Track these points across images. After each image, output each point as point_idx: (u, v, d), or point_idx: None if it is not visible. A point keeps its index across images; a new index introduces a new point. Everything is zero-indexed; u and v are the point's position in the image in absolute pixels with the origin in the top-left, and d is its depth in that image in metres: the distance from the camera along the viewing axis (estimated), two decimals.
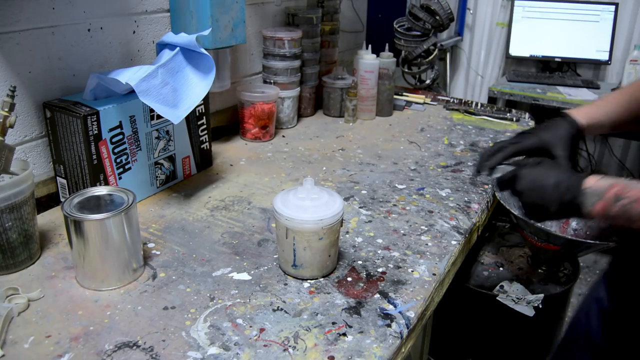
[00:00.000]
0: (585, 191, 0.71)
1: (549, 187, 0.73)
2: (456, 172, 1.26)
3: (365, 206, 1.07)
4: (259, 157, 1.32)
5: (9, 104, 0.82)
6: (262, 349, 0.68)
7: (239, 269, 0.85)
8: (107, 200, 0.82)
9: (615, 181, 0.70)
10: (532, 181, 0.74)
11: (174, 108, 0.95)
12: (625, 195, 0.67)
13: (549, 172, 0.74)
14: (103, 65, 1.10)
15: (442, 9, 1.80)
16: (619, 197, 0.68)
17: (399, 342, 0.71)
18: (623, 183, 0.69)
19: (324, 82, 1.64)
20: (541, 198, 0.74)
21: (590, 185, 0.71)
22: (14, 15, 0.92)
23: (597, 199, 0.69)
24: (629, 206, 0.66)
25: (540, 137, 0.87)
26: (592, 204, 0.70)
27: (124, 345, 0.68)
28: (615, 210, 0.68)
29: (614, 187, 0.69)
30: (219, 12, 1.17)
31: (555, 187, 0.72)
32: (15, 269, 0.82)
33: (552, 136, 0.86)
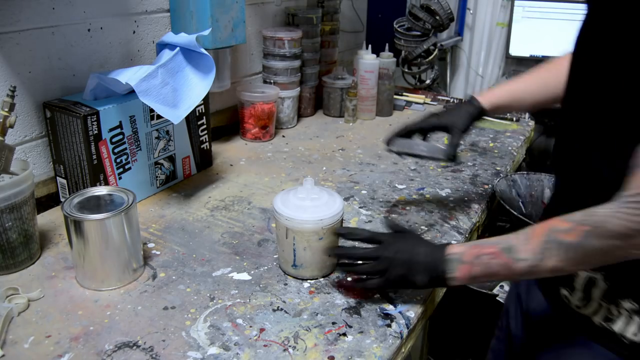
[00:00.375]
0: (448, 258, 0.72)
1: (420, 264, 0.73)
2: (456, 172, 1.26)
3: (365, 206, 1.07)
4: (259, 157, 1.32)
5: (9, 104, 0.82)
6: (262, 349, 0.68)
7: (239, 269, 0.85)
8: (107, 200, 0.82)
9: (472, 243, 0.73)
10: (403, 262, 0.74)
11: (174, 108, 0.95)
12: (482, 253, 0.70)
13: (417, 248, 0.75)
14: (103, 65, 1.10)
15: (442, 9, 1.80)
16: (477, 257, 0.70)
17: (399, 342, 0.71)
18: (479, 243, 0.71)
19: (324, 82, 1.64)
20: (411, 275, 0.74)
21: (451, 252, 0.72)
22: (14, 15, 0.92)
23: (459, 264, 0.71)
24: (488, 263, 0.69)
25: (442, 115, 0.97)
26: (455, 270, 0.72)
27: (124, 345, 0.68)
28: (477, 271, 0.70)
29: (472, 250, 0.71)
30: (219, 12, 1.17)
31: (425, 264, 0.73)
32: (15, 269, 0.82)
33: (453, 115, 0.95)
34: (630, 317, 0.70)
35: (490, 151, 1.39)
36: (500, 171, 1.27)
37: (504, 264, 0.68)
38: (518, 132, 1.54)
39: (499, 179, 1.20)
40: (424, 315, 0.81)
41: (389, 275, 0.74)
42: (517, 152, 1.40)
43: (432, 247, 0.75)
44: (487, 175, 1.25)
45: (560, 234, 0.64)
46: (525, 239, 0.67)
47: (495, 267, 0.69)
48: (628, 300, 0.70)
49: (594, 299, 0.73)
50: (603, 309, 0.72)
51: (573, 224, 0.63)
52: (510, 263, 0.67)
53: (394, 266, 0.74)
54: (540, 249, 0.65)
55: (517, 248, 0.67)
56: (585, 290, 0.73)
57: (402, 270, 0.74)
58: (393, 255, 0.74)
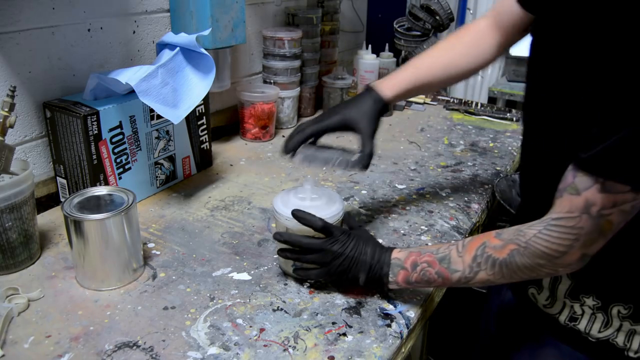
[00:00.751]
0: (391, 262, 0.74)
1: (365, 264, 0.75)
2: (456, 172, 1.26)
3: (365, 206, 1.07)
4: (259, 157, 1.32)
5: (9, 104, 0.82)
6: (262, 349, 0.68)
7: (239, 269, 0.85)
8: (107, 200, 0.82)
9: (411, 250, 0.74)
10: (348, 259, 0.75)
11: (174, 108, 0.95)
12: (420, 261, 0.72)
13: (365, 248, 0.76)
14: (103, 65, 1.10)
15: (442, 9, 1.80)
16: (416, 264, 0.72)
17: (399, 342, 0.71)
18: (419, 250, 0.73)
19: (324, 82, 1.64)
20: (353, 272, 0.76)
21: (394, 256, 0.74)
22: (14, 15, 0.92)
23: (398, 269, 0.73)
24: (425, 270, 0.71)
25: (344, 114, 0.86)
26: (395, 275, 0.74)
27: (124, 345, 0.68)
28: (415, 277, 0.72)
29: (411, 256, 0.73)
30: (219, 12, 1.17)
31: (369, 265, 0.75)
32: (15, 269, 0.82)
33: (357, 113, 0.85)
34: (594, 315, 0.72)
35: (490, 151, 1.40)
36: (500, 171, 1.27)
37: (439, 272, 0.71)
38: (518, 132, 1.54)
39: (499, 179, 1.20)
40: (424, 315, 0.81)
41: (331, 268, 0.75)
42: (517, 152, 1.40)
43: (379, 248, 0.76)
44: (487, 175, 1.25)
45: (490, 250, 0.67)
46: (461, 251, 0.70)
47: (432, 275, 0.71)
48: (591, 296, 0.71)
49: (559, 297, 0.75)
50: (567, 308, 0.74)
51: (503, 241, 0.66)
52: (445, 272, 0.70)
53: (337, 261, 0.75)
54: (472, 263, 0.68)
55: (452, 259, 0.70)
56: (552, 289, 0.75)
57: (344, 266, 0.75)
58: (339, 250, 0.75)
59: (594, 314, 0.71)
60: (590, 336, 0.72)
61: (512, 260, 0.65)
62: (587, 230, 0.59)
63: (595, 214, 0.58)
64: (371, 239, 0.78)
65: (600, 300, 0.71)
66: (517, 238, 0.65)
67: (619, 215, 0.58)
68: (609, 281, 0.69)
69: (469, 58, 0.90)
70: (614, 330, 0.70)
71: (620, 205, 0.57)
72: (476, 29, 0.91)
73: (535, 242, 0.63)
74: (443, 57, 0.91)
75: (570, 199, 0.59)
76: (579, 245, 0.60)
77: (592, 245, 0.61)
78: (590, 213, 0.58)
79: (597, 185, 0.57)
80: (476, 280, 0.68)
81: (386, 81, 0.89)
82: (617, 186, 0.55)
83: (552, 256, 0.62)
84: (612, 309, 0.70)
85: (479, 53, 0.90)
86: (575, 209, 0.59)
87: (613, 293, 0.70)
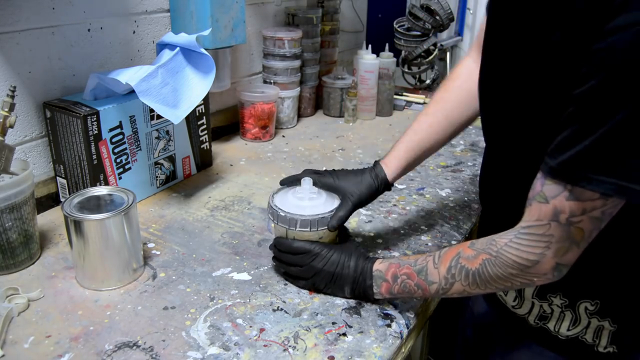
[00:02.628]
0: (374, 274, 0.74)
1: (348, 278, 0.76)
2: (456, 172, 1.26)
3: (365, 206, 1.07)
4: (259, 157, 1.32)
5: (9, 104, 0.82)
6: (262, 349, 0.68)
7: (239, 269, 0.85)
8: (107, 200, 0.82)
9: (391, 261, 0.74)
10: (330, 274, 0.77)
11: (174, 108, 0.95)
12: (400, 273, 0.72)
13: (347, 262, 0.76)
14: (103, 65, 1.10)
15: (442, 9, 1.80)
16: (396, 276, 0.72)
17: (399, 342, 0.71)
18: (399, 262, 0.73)
19: (324, 82, 1.64)
20: (337, 287, 0.77)
21: (376, 268, 0.75)
22: (14, 15, 0.92)
23: (381, 281, 0.74)
24: (405, 282, 0.71)
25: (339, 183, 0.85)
26: (378, 286, 0.74)
27: (124, 345, 0.68)
28: (397, 289, 0.72)
29: (391, 268, 0.73)
30: (219, 12, 1.17)
31: (352, 278, 0.75)
32: (15, 269, 0.82)
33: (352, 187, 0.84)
34: (563, 313, 0.72)
35: None
36: None
37: (418, 284, 0.71)
38: None
39: None
40: (424, 315, 0.81)
41: (314, 283, 0.78)
42: None
43: (362, 261, 0.76)
44: None
45: (464, 261, 0.66)
46: (437, 262, 0.69)
47: (412, 287, 0.71)
48: (558, 295, 0.72)
49: (526, 297, 0.75)
50: (536, 307, 0.74)
51: (476, 251, 0.66)
52: (423, 284, 0.70)
53: (319, 276, 0.77)
54: (447, 274, 0.68)
55: (429, 271, 0.70)
56: (518, 290, 0.75)
57: (327, 281, 0.77)
58: (319, 266, 0.77)
59: (563, 312, 0.72)
60: (560, 334, 0.73)
61: (485, 270, 0.64)
62: (558, 238, 0.58)
63: (565, 222, 0.57)
64: (355, 252, 0.78)
65: (567, 298, 0.71)
66: (489, 248, 0.64)
67: (589, 223, 0.56)
68: (575, 278, 0.67)
69: (468, 96, 0.87)
70: (583, 327, 0.71)
71: (590, 212, 0.55)
72: (463, 67, 0.90)
73: (506, 252, 0.62)
74: (440, 110, 0.89)
75: (539, 207, 0.58)
76: (551, 253, 0.59)
77: (566, 255, 0.59)
78: (560, 221, 0.57)
79: (565, 193, 0.56)
80: (453, 291, 0.68)
81: (390, 156, 0.89)
82: (586, 193, 0.54)
83: (524, 265, 0.61)
84: (580, 306, 0.70)
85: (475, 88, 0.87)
86: (544, 216, 0.58)
87: (579, 290, 0.70)
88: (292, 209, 0.79)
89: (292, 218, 0.78)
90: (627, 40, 0.49)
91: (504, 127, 0.70)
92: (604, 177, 0.53)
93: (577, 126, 0.53)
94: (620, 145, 0.51)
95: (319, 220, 0.78)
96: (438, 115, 0.89)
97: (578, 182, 0.54)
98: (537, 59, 0.60)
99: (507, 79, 0.66)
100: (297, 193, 0.83)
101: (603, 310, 0.69)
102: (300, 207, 0.80)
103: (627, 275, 0.68)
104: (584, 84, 0.52)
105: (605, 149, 0.52)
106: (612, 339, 0.70)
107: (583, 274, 0.67)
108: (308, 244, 0.79)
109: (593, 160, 0.53)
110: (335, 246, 0.79)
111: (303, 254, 0.78)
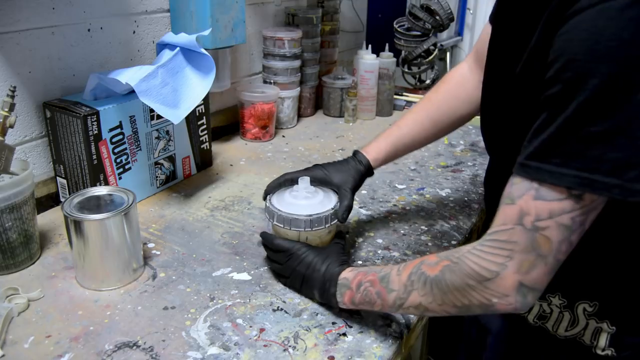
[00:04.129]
0: (339, 282, 0.72)
1: (315, 282, 0.75)
2: (456, 172, 1.26)
3: (365, 206, 1.07)
4: (259, 157, 1.32)
5: (9, 104, 0.82)
6: (262, 349, 0.68)
7: (239, 269, 0.85)
8: (107, 200, 0.82)
9: (361, 269, 0.71)
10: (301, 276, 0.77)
11: (174, 108, 0.95)
12: (365, 280, 0.69)
13: (319, 265, 0.75)
14: (103, 65, 1.10)
15: (442, 9, 1.80)
16: (360, 284, 0.69)
17: (399, 342, 0.71)
18: (366, 270, 0.70)
19: (324, 82, 1.64)
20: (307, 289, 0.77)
21: (342, 276, 0.72)
22: (14, 15, 0.92)
23: (345, 289, 0.71)
24: (367, 290, 0.68)
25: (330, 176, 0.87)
26: (342, 295, 0.71)
27: (124, 345, 0.68)
28: (358, 297, 0.69)
29: (358, 276, 0.70)
30: (219, 12, 1.17)
31: (320, 283, 0.74)
32: (15, 269, 0.82)
33: (342, 176, 0.86)
34: (562, 314, 0.71)
35: None
36: None
37: (379, 292, 0.66)
38: None
39: None
40: (424, 315, 0.81)
41: (290, 281, 0.79)
42: None
43: (333, 267, 0.74)
44: None
45: (425, 267, 0.62)
46: (401, 269, 0.65)
47: (373, 296, 0.67)
48: (557, 295, 0.71)
49: None
50: (536, 307, 0.73)
51: (438, 258, 0.62)
52: (383, 292, 0.66)
53: (292, 276, 0.78)
54: (407, 281, 0.63)
55: (391, 278, 0.65)
56: None
57: (298, 282, 0.77)
58: (293, 266, 0.77)
59: (562, 312, 0.71)
60: (558, 335, 0.72)
61: (442, 277, 0.59)
62: (522, 247, 0.53)
63: (530, 226, 0.52)
64: (331, 255, 0.76)
65: (566, 298, 0.70)
66: (452, 254, 0.60)
67: (557, 231, 0.52)
68: (574, 279, 0.67)
69: (455, 102, 0.88)
70: (581, 329, 0.70)
71: (558, 216, 0.51)
72: (457, 72, 0.90)
73: (467, 259, 0.57)
74: (425, 109, 0.90)
75: (505, 210, 0.55)
76: (513, 266, 0.54)
77: (530, 272, 0.54)
78: (524, 224, 0.53)
79: (531, 192, 0.52)
80: (409, 302, 0.63)
81: (371, 145, 0.90)
82: (552, 192, 0.51)
83: (482, 277, 0.56)
84: (578, 307, 0.69)
85: (464, 95, 0.88)
86: (509, 220, 0.54)
87: (578, 291, 0.69)
88: (288, 208, 0.80)
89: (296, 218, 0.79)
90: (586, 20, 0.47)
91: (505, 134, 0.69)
92: (565, 170, 0.50)
93: (545, 114, 0.51)
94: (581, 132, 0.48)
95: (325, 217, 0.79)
96: (422, 114, 0.90)
97: (542, 176, 0.51)
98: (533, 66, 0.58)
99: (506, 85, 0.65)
100: (293, 191, 0.83)
101: (601, 312, 0.68)
102: (297, 206, 0.80)
103: (626, 278, 0.67)
104: (550, 69, 0.51)
105: (567, 138, 0.49)
106: (611, 342, 0.69)
107: (582, 274, 0.67)
108: (288, 242, 0.79)
109: (556, 150, 0.50)
110: (316, 248, 0.78)
111: (282, 252, 0.79)
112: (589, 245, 0.59)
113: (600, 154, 0.48)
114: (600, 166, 0.49)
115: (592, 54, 0.47)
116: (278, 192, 0.85)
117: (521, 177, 0.54)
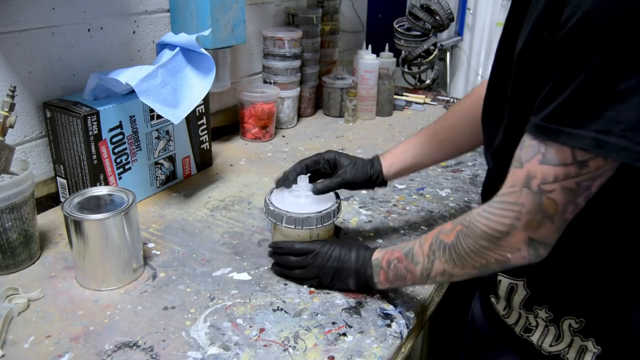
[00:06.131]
0: (373, 263, 0.74)
1: (351, 270, 0.76)
2: (456, 172, 1.26)
3: (365, 206, 1.07)
4: (259, 157, 1.32)
5: (9, 104, 0.82)
6: (262, 349, 0.68)
7: (239, 269, 0.85)
8: (107, 200, 0.82)
9: (387, 248, 0.74)
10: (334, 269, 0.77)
11: (174, 108, 0.95)
12: (392, 258, 0.71)
13: (348, 254, 0.76)
14: (103, 65, 1.10)
15: (442, 9, 1.80)
16: (390, 262, 0.71)
17: (399, 342, 0.71)
18: (393, 248, 0.73)
19: (324, 82, 1.64)
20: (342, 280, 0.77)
21: (374, 257, 0.74)
22: (14, 15, 0.92)
23: (379, 269, 0.73)
24: (397, 267, 0.70)
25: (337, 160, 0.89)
26: (377, 275, 0.74)
27: (124, 345, 0.68)
28: (391, 274, 0.72)
29: (386, 255, 0.73)
30: (219, 12, 1.17)
31: (355, 270, 0.75)
32: (15, 269, 0.82)
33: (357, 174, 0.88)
34: (547, 328, 0.69)
35: None
36: None
37: (407, 267, 0.69)
38: None
39: None
40: (424, 315, 0.81)
41: (321, 280, 0.78)
42: None
43: (362, 252, 0.76)
44: None
45: (442, 235, 0.65)
46: (422, 241, 0.68)
47: (402, 271, 0.70)
48: (544, 308, 0.69)
49: (514, 307, 0.72)
50: (522, 319, 0.72)
51: (453, 225, 0.64)
52: (410, 266, 0.69)
53: (322, 274, 0.78)
54: (429, 251, 0.66)
55: (414, 251, 0.68)
56: (507, 298, 0.73)
57: (332, 277, 0.77)
58: (323, 264, 0.77)
59: (547, 326, 0.69)
60: (543, 349, 0.70)
61: (458, 242, 0.62)
62: (529, 208, 0.55)
63: (536, 189, 0.54)
64: (355, 244, 0.78)
65: (552, 312, 0.68)
66: (464, 218, 0.62)
67: (562, 194, 0.53)
68: (562, 293, 0.66)
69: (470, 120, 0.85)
70: (566, 345, 0.68)
71: (563, 180, 0.52)
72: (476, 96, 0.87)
73: (477, 221, 0.59)
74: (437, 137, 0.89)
75: (514, 173, 0.56)
76: (522, 225, 0.56)
77: (539, 229, 0.56)
78: (531, 187, 0.54)
79: (538, 156, 0.53)
80: (434, 270, 0.65)
81: (390, 155, 0.91)
82: (558, 155, 0.51)
83: (494, 237, 0.58)
84: (564, 322, 0.67)
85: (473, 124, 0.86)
86: (516, 182, 0.55)
87: (565, 306, 0.67)
88: (288, 207, 0.80)
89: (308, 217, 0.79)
90: None
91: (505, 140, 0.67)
92: (583, 132, 0.49)
93: (559, 76, 0.50)
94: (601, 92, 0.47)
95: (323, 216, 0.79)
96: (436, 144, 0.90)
97: (558, 137, 0.51)
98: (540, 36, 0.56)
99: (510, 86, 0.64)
100: (293, 190, 0.83)
101: (587, 329, 0.66)
102: (297, 205, 0.81)
103: (615, 297, 0.65)
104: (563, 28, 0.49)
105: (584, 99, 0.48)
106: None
107: (571, 289, 0.66)
108: (308, 244, 0.79)
109: (574, 112, 0.50)
110: (335, 241, 0.80)
111: (305, 255, 0.79)
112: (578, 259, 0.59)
113: (616, 115, 0.47)
114: (614, 128, 0.48)
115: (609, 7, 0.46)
116: (277, 194, 0.85)
117: (536, 136, 0.53)
